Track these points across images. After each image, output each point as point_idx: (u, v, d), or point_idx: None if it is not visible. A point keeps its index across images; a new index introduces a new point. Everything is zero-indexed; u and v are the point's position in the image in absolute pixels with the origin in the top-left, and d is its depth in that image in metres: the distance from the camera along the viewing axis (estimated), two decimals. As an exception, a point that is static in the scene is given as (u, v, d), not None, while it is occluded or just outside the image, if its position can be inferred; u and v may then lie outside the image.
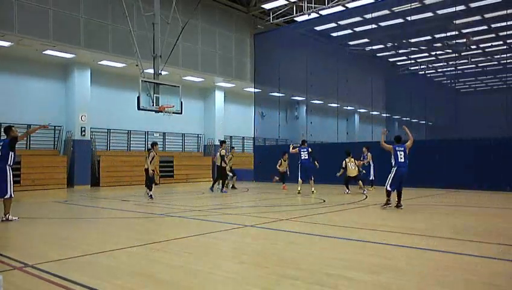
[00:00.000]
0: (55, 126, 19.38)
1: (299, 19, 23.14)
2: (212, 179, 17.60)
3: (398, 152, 9.93)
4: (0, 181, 8.04)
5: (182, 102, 16.62)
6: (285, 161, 17.04)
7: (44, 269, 4.51)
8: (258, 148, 25.08)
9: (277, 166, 17.08)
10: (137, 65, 16.67)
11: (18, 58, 18.18)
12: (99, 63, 19.44)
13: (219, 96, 26.07)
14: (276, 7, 23.01)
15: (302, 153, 14.37)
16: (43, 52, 17.65)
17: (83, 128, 19.42)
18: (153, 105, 15.84)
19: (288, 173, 16.91)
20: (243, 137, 28.33)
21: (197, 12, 21.01)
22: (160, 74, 16.87)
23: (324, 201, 11.93)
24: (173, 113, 16.41)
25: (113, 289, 3.91)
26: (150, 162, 12.94)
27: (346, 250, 5.66)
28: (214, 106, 25.87)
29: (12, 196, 8.26)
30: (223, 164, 15.09)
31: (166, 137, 24.06)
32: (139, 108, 15.53)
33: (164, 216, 9.28)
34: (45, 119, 19.00)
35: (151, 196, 12.77)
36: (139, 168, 20.61)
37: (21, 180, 17.16)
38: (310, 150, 14.51)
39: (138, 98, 15.35)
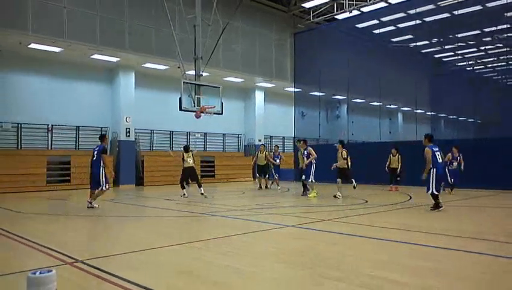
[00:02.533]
0: (102, 127, 20.16)
1: (340, 16, 22.83)
2: (252, 179, 17.62)
3: (436, 152, 9.45)
4: (98, 178, 10.61)
5: (222, 103, 16.79)
6: (394, 156, 15.65)
7: (94, 265, 4.68)
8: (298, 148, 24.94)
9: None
10: (179, 67, 17.00)
11: (67, 63, 19.03)
12: (143, 65, 20.03)
13: (259, 96, 26.16)
14: (317, 6, 22.80)
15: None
16: (91, 57, 18.39)
17: (127, 130, 20.06)
18: (195, 106, 16.09)
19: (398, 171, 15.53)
20: (283, 137, 28.27)
21: (237, 13, 21.18)
22: (201, 75, 17.10)
23: (366, 202, 11.69)
24: (214, 113, 16.60)
25: (159, 286, 4.01)
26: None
27: (389, 252, 5.51)
28: (254, 106, 25.98)
29: (104, 189, 10.64)
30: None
31: (207, 137, 24.42)
32: (180, 109, 15.82)
33: (206, 215, 9.42)
34: (93, 121, 19.89)
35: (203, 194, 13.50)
36: (181, 168, 21.06)
37: (71, 179, 17.96)
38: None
39: (180, 99, 15.63)
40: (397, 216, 9.07)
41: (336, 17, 23.05)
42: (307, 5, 22.73)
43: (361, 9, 21.36)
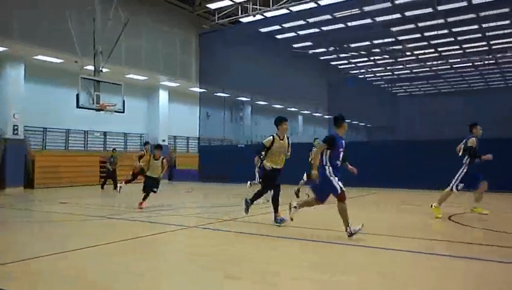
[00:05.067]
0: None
1: (244, 20, 23.29)
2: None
3: None
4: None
5: (124, 100, 16.17)
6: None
7: (-26, 277, 4.24)
8: (202, 149, 25.00)
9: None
10: (76, 61, 16.00)
11: None
12: (35, 57, 18.40)
13: (163, 95, 25.66)
14: (221, 7, 22.97)
15: None
16: (-29, 45, 16.46)
17: (15, 127, 18.29)
18: (94, 103, 15.28)
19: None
20: (188, 137, 28.04)
21: (140, 8, 20.53)
22: (101, 71, 16.29)
23: (268, 201, 12.09)
24: (115, 112, 15.93)
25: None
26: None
27: (290, 249, 5.80)
28: (158, 105, 25.42)
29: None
30: None
31: (107, 137, 23.27)
32: (78, 106, 14.93)
33: (105, 218, 8.99)
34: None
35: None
36: (78, 168, 19.80)
37: None
38: None
39: (77, 95, 14.75)
40: (298, 214, 9.52)
41: (241, 20, 23.46)
42: (211, 6, 22.80)
43: (265, 14, 22.01)
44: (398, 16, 21.82)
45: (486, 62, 28.96)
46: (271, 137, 7.77)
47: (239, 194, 14.30)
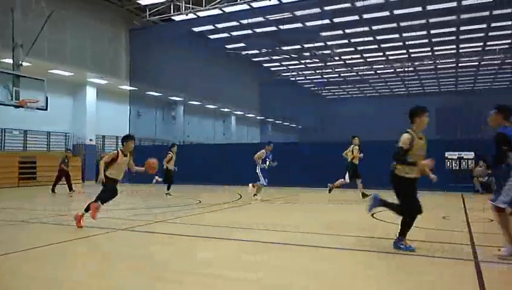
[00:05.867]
0: None
1: (177, 18, 22.93)
2: (82, 181, 16.38)
3: None
4: None
5: (47, 97, 15.20)
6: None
7: None
8: (133, 149, 24.26)
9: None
10: (-8, 54, 14.82)
11: None
12: None
13: (91, 92, 24.51)
14: (153, 4, 22.40)
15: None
16: None
17: None
18: (12, 99, 14.21)
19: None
20: (117, 137, 27.01)
21: (65, 1, 19.43)
22: (21, 65, 15.20)
23: (200, 201, 12.06)
24: (37, 109, 14.95)
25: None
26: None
27: (222, 249, 5.82)
28: (85, 103, 24.24)
29: None
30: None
31: (27, 135, 21.77)
32: (-6, 102, 13.81)
33: (25, 223, 8.41)
34: None
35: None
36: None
37: None
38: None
39: (-7, 91, 13.65)
40: (227, 215, 9.59)
41: (173, 18, 23.05)
42: (142, 1, 22.17)
43: (198, 13, 21.83)
44: (327, 21, 22.74)
45: (406, 69, 31.10)
46: (408, 134, 5.43)
47: (171, 195, 14.06)
